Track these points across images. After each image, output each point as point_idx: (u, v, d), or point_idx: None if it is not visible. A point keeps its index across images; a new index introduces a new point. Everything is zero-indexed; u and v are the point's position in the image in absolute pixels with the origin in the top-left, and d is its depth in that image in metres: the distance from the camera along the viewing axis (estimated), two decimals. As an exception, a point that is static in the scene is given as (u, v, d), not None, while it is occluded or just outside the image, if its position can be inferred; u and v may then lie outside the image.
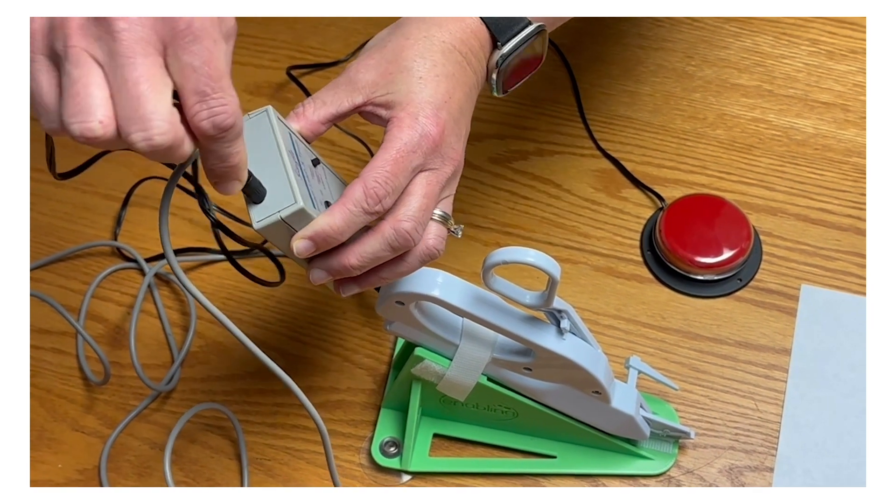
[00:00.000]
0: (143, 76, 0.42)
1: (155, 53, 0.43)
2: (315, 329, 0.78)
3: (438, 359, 0.65)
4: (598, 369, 0.63)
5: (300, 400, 0.58)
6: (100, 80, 0.43)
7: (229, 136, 0.46)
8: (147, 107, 0.42)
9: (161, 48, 0.43)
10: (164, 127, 0.43)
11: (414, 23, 0.56)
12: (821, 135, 0.85)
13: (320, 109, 0.56)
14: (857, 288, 0.77)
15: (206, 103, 0.44)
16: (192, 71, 0.43)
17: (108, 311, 0.80)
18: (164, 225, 0.50)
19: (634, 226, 0.81)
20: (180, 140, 0.44)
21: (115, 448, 0.74)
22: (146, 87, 0.42)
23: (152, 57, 0.43)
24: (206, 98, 0.44)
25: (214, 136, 0.45)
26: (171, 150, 0.44)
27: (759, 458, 0.71)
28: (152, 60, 0.43)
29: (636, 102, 0.87)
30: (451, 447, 0.73)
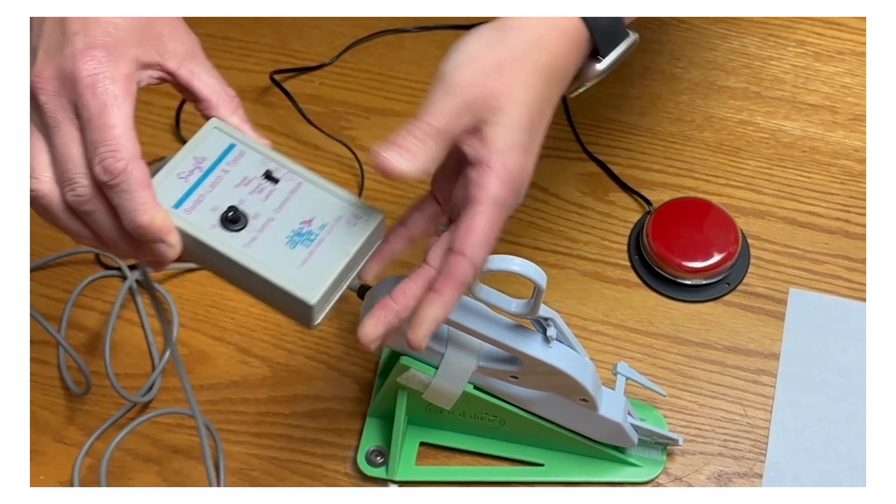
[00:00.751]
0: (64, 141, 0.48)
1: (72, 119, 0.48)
2: (300, 336, 0.77)
3: (424, 367, 0.64)
4: (584, 377, 0.62)
5: None
6: None
7: (123, 183, 0.47)
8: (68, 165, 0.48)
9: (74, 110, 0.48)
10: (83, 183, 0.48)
11: (518, 35, 0.52)
12: (808, 137, 0.84)
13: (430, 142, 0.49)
14: (845, 291, 0.77)
15: (97, 151, 0.47)
16: (87, 123, 0.47)
17: (90, 319, 0.79)
18: None
19: (622, 230, 0.81)
20: None
21: (97, 459, 0.73)
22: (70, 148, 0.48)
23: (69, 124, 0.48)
24: (97, 146, 0.47)
25: (107, 181, 0.47)
26: None
27: (748, 464, 0.71)
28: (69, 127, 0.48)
29: (623, 105, 0.86)
30: (438, 456, 0.72)
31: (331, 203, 0.51)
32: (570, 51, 0.53)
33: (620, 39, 0.55)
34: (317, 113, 0.88)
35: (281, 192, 0.51)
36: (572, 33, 0.53)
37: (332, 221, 0.50)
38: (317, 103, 0.88)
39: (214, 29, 0.93)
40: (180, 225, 0.49)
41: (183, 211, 0.49)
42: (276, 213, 0.50)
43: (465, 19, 0.92)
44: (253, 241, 0.49)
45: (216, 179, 0.50)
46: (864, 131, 0.84)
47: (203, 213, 0.49)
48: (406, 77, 0.90)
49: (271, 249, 0.49)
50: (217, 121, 0.52)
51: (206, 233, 0.49)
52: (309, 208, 0.50)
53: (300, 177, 0.51)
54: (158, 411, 0.74)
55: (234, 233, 0.49)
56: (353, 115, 0.88)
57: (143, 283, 0.79)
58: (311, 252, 0.49)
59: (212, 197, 0.50)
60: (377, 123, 0.87)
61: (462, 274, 0.50)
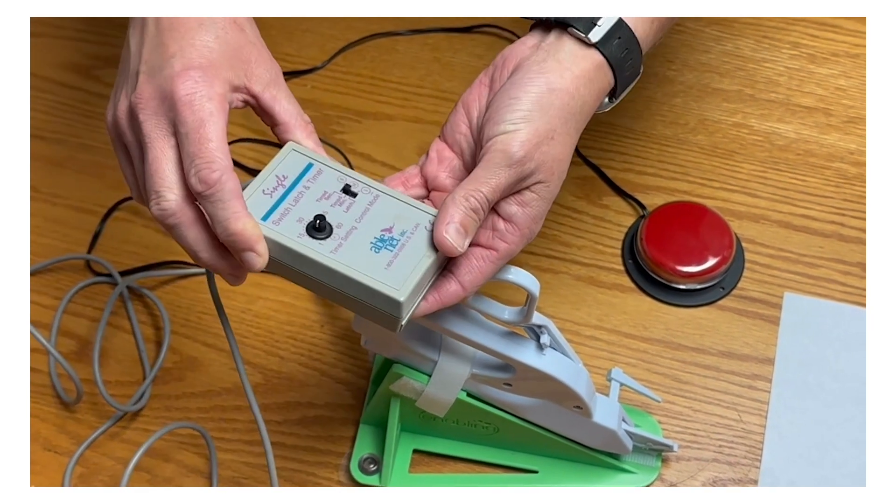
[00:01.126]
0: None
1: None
2: (293, 343, 0.77)
3: (417, 375, 0.64)
4: (578, 384, 0.62)
5: None
6: None
7: (217, 193, 0.49)
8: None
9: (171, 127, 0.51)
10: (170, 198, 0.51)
11: (567, 98, 0.53)
12: (803, 140, 0.84)
13: None
14: (840, 295, 0.76)
15: (193, 163, 0.49)
16: (184, 137, 0.50)
17: (81, 326, 0.79)
18: None
19: (616, 234, 0.80)
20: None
21: (88, 468, 0.73)
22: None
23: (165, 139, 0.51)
24: (194, 158, 0.49)
25: (202, 192, 0.49)
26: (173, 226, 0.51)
27: (743, 470, 0.70)
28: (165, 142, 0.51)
29: (617, 108, 0.84)
30: (432, 463, 0.72)
31: (407, 212, 0.54)
32: (599, 100, 0.57)
33: (633, 80, 0.58)
34: (308, 117, 0.87)
35: (360, 204, 0.54)
36: (604, 88, 0.56)
37: (410, 228, 0.53)
38: (308, 107, 0.87)
39: (205, 32, 0.93)
40: (270, 235, 0.51)
41: (271, 223, 0.52)
42: (357, 222, 0.53)
43: (458, 20, 0.92)
44: (339, 247, 0.52)
45: (299, 194, 0.53)
46: (858, 134, 0.84)
47: (290, 223, 0.52)
48: (398, 80, 0.89)
49: (357, 254, 0.51)
50: (294, 143, 0.55)
51: (294, 241, 0.51)
52: (388, 217, 0.53)
53: (377, 190, 0.54)
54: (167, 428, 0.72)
55: (320, 241, 0.52)
56: (346, 118, 0.87)
57: (136, 289, 0.79)
58: (395, 255, 0.52)
59: (296, 210, 0.53)
60: (369, 127, 0.87)
61: (451, 296, 0.53)
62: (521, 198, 0.53)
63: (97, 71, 0.92)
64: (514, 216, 0.53)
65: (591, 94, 0.55)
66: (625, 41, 0.56)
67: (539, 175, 0.53)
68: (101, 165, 0.86)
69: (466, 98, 0.57)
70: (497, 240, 0.53)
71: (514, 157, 0.52)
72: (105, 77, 0.91)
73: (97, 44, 0.93)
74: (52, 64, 0.92)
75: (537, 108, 0.53)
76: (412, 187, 0.57)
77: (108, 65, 0.92)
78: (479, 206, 0.51)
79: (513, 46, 0.57)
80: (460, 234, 0.51)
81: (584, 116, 0.55)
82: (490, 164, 0.52)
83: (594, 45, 0.55)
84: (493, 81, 0.56)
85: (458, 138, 0.57)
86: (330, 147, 0.85)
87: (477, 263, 0.53)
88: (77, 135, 0.88)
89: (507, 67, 0.56)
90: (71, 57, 0.92)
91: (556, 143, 0.53)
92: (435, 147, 0.57)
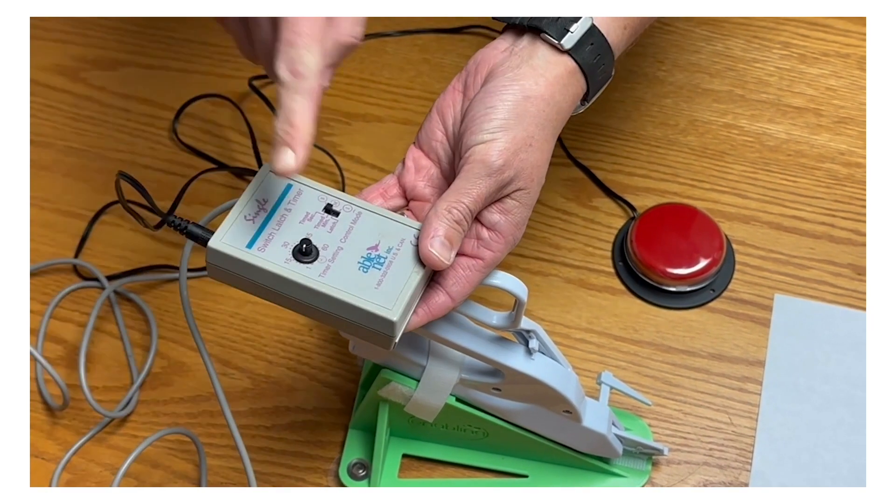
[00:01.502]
0: None
1: None
2: (281, 347, 0.77)
3: (405, 380, 0.64)
4: (568, 389, 0.61)
5: None
6: None
7: (298, 84, 0.49)
8: None
9: None
10: None
11: (543, 105, 0.54)
12: (793, 140, 0.84)
13: None
14: (830, 297, 0.76)
15: (285, 53, 0.49)
16: (283, 24, 0.49)
17: (68, 331, 0.78)
18: None
19: (606, 236, 0.80)
20: None
21: (76, 474, 0.72)
22: None
23: None
24: (290, 46, 0.49)
25: (285, 80, 0.49)
26: None
27: (734, 473, 0.70)
28: None
29: (606, 109, 0.86)
30: (421, 468, 0.72)
31: (391, 228, 0.53)
32: (573, 104, 0.57)
33: (605, 84, 0.58)
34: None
35: (343, 223, 0.53)
36: (578, 93, 0.56)
37: (396, 244, 0.53)
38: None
39: (193, 34, 0.92)
40: (257, 263, 0.51)
41: (256, 249, 0.51)
42: (342, 242, 0.52)
43: (447, 20, 0.91)
44: (327, 269, 0.51)
45: (281, 218, 0.53)
46: (849, 134, 0.84)
47: (276, 249, 0.51)
48: (388, 82, 0.89)
49: (346, 275, 0.51)
50: (270, 165, 0.54)
51: (283, 267, 0.51)
52: (373, 235, 0.53)
53: (358, 207, 0.54)
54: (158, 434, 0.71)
55: (308, 264, 0.51)
56: (335, 121, 0.87)
57: (123, 294, 0.79)
58: (383, 274, 0.51)
59: (280, 234, 0.52)
60: (359, 129, 0.86)
61: (440, 307, 0.53)
62: (502, 206, 0.53)
63: (84, 73, 0.91)
64: (498, 224, 0.53)
65: (565, 99, 0.55)
66: (597, 47, 0.56)
67: (519, 182, 0.53)
68: (88, 169, 0.86)
69: (440, 104, 0.57)
70: (482, 249, 0.53)
71: (494, 165, 0.52)
72: (92, 79, 0.91)
73: (84, 46, 0.92)
74: (39, 66, 0.91)
75: (514, 117, 0.53)
76: (391, 198, 0.57)
77: (94, 66, 0.91)
78: (463, 217, 0.51)
79: (485, 51, 0.57)
80: (446, 247, 0.51)
81: (560, 121, 0.56)
82: (470, 174, 0.52)
83: (567, 51, 0.55)
84: (467, 87, 0.56)
85: (435, 146, 0.56)
86: (319, 150, 0.84)
87: (463, 273, 0.53)
88: (64, 138, 0.87)
89: (480, 73, 0.56)
90: (57, 59, 0.92)
91: (534, 149, 0.53)
92: (411, 155, 0.57)
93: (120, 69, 0.91)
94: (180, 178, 0.84)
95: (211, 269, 0.52)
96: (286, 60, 0.49)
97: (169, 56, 0.91)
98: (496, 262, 0.54)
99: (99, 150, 0.87)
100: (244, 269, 0.51)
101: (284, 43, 0.50)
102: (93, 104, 0.89)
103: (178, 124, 0.87)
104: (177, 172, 0.85)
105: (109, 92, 0.90)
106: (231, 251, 0.51)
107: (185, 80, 0.90)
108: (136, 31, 0.93)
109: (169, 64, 0.91)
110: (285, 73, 0.49)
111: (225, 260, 0.51)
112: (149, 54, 0.92)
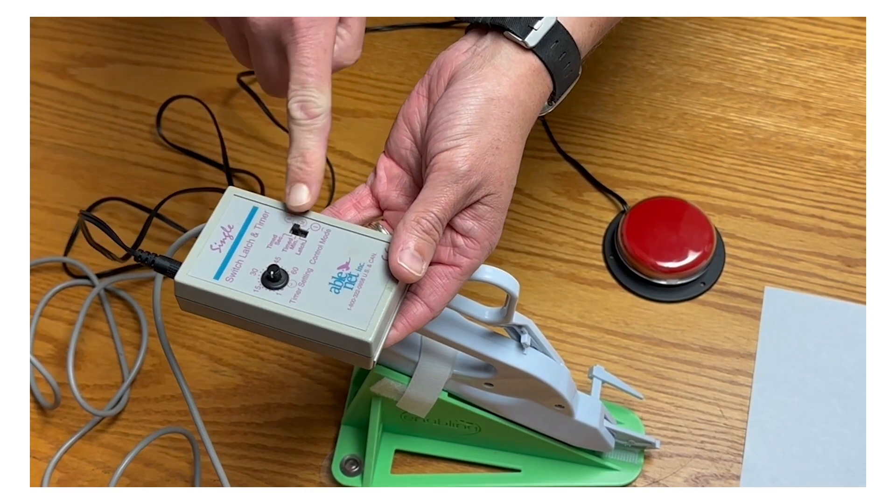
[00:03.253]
0: None
1: None
2: (272, 345, 0.76)
3: (398, 376, 0.64)
4: (560, 383, 0.62)
5: None
6: None
7: (312, 124, 0.52)
8: None
9: None
10: None
11: (509, 107, 0.53)
12: (782, 133, 0.84)
13: None
14: (820, 289, 0.77)
15: (298, 93, 0.52)
16: (296, 66, 0.52)
17: (58, 330, 0.78)
18: None
19: (597, 230, 0.80)
20: None
21: (68, 473, 0.72)
22: None
23: None
24: (302, 87, 0.52)
25: (299, 119, 0.52)
26: None
27: (726, 465, 0.70)
28: None
29: (596, 103, 0.86)
30: (414, 463, 0.72)
31: (361, 243, 0.52)
32: (540, 104, 0.56)
33: (572, 83, 0.57)
34: (285, 115, 0.86)
35: (312, 243, 0.52)
36: (544, 92, 0.55)
37: (367, 261, 0.52)
38: (285, 105, 0.87)
39: (181, 30, 0.92)
40: (226, 294, 0.50)
41: (224, 280, 0.50)
42: (312, 263, 0.51)
43: (436, 18, 0.91)
44: (298, 294, 0.50)
45: (248, 244, 0.52)
46: (837, 126, 0.84)
47: (244, 277, 0.50)
48: (377, 77, 0.89)
49: (318, 299, 0.50)
50: (234, 188, 0.54)
51: (252, 296, 0.50)
52: (342, 253, 0.52)
53: (326, 224, 0.53)
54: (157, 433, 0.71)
55: (278, 290, 0.50)
56: (324, 116, 0.87)
57: (113, 291, 0.78)
58: (355, 293, 0.50)
59: (248, 261, 0.51)
60: (348, 125, 0.86)
61: (419, 318, 0.52)
62: (474, 212, 0.52)
63: (72, 70, 0.91)
64: (472, 231, 0.52)
65: (531, 98, 0.54)
66: (562, 45, 0.55)
67: (488, 187, 0.52)
68: (76, 166, 0.85)
69: (406, 111, 0.56)
70: (458, 256, 0.52)
71: (459, 172, 0.51)
72: (80, 76, 0.90)
73: (71, 42, 0.92)
74: (26, 63, 0.91)
75: (478, 121, 0.52)
76: (364, 209, 0.56)
77: (82, 63, 0.91)
78: (433, 226, 0.50)
79: (447, 52, 0.56)
80: (416, 260, 0.50)
81: (527, 121, 0.54)
82: (436, 182, 0.51)
83: (531, 49, 0.54)
84: (431, 92, 0.55)
85: (405, 154, 0.55)
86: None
87: (441, 282, 0.52)
88: (52, 135, 0.87)
89: (443, 76, 0.55)
90: (45, 56, 0.91)
91: (501, 152, 0.52)
92: (382, 164, 0.56)
93: (108, 66, 0.91)
94: (169, 175, 0.84)
95: (181, 302, 0.52)
96: (299, 100, 0.51)
97: (157, 52, 0.91)
98: (474, 269, 0.53)
99: (87, 147, 0.86)
100: (214, 301, 0.50)
101: (297, 83, 0.51)
102: (81, 101, 0.89)
103: (162, 121, 0.87)
104: (166, 169, 0.85)
105: (97, 89, 0.89)
106: (199, 284, 0.50)
107: (174, 76, 0.89)
108: (124, 28, 0.92)
109: (157, 60, 0.91)
110: (299, 112, 0.51)
111: (193, 293, 0.50)
112: (137, 51, 0.91)
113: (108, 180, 0.84)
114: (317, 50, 0.52)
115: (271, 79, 0.57)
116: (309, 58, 0.52)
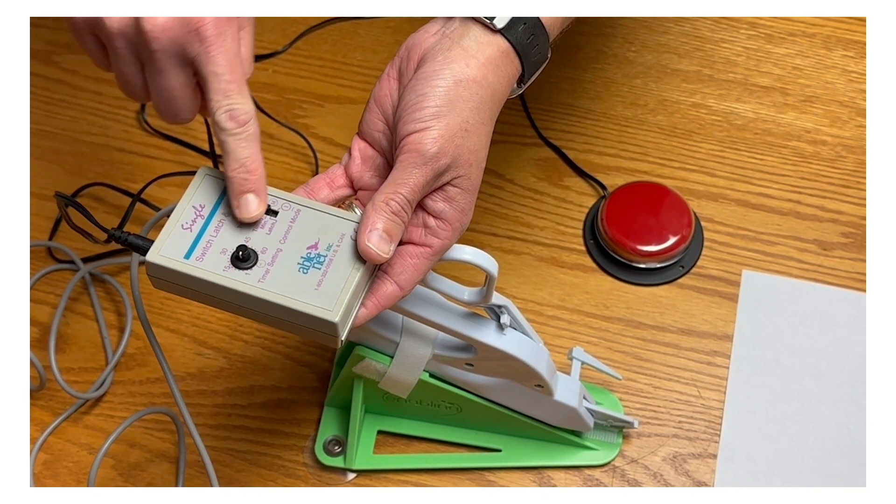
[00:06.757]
0: None
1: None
2: (256, 327, 0.77)
3: (379, 356, 0.64)
4: (539, 363, 0.62)
5: None
6: None
7: (244, 131, 0.51)
8: None
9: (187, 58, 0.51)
10: None
11: (477, 89, 0.53)
12: (760, 119, 0.85)
13: None
14: (797, 272, 0.78)
15: (223, 103, 0.51)
16: (214, 77, 0.51)
17: (44, 314, 0.78)
18: None
19: (577, 215, 0.81)
20: None
21: (53, 454, 0.73)
22: None
23: None
24: (225, 97, 0.51)
25: (231, 129, 0.51)
26: None
27: (703, 444, 0.72)
28: None
29: (577, 89, 0.87)
30: (396, 444, 0.73)
31: (331, 223, 0.53)
32: (509, 86, 0.56)
33: (541, 66, 0.57)
34: (270, 101, 0.87)
35: (282, 223, 0.52)
36: (513, 74, 0.55)
37: (336, 241, 0.52)
38: (270, 91, 0.88)
39: (165, 17, 0.92)
40: (196, 273, 0.50)
41: (194, 259, 0.51)
42: (282, 243, 0.52)
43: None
44: (266, 274, 0.51)
45: (219, 223, 0.52)
46: (814, 112, 0.85)
47: (214, 257, 0.51)
48: (360, 64, 0.89)
49: (286, 279, 0.51)
50: (206, 168, 0.54)
51: (221, 276, 0.50)
52: (312, 233, 0.52)
53: (297, 204, 0.53)
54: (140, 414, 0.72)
55: (246, 270, 0.51)
56: (307, 102, 0.87)
57: (98, 275, 0.79)
58: (323, 273, 0.51)
59: (218, 241, 0.51)
60: (331, 111, 0.87)
61: (389, 297, 0.53)
62: (445, 194, 0.53)
63: (56, 56, 0.91)
64: (443, 213, 0.53)
65: (499, 80, 0.54)
66: (531, 27, 0.55)
67: (458, 169, 0.52)
68: (60, 152, 0.86)
69: (377, 94, 0.56)
70: (430, 237, 0.53)
71: (428, 154, 0.51)
72: (64, 62, 0.90)
73: (55, 29, 0.92)
74: (10, 50, 0.91)
75: (446, 103, 0.52)
76: (338, 188, 0.56)
77: (67, 50, 0.91)
78: (401, 208, 0.51)
79: (416, 35, 0.56)
80: (384, 241, 0.50)
81: (497, 103, 0.55)
82: (405, 164, 0.51)
83: (499, 31, 0.54)
84: (402, 74, 0.55)
85: (377, 136, 0.56)
86: (292, 131, 0.85)
87: (412, 261, 0.53)
88: (36, 121, 0.87)
89: (412, 59, 0.55)
90: (30, 43, 0.91)
91: (470, 134, 0.52)
92: (356, 145, 0.56)
93: (92, 52, 0.91)
94: (153, 161, 0.85)
95: (153, 281, 0.52)
96: (226, 110, 0.51)
97: (141, 39, 0.91)
98: (445, 249, 0.53)
99: (72, 133, 0.87)
100: (184, 280, 0.51)
101: (219, 93, 0.51)
102: (65, 87, 0.89)
103: (146, 107, 0.87)
104: (150, 155, 0.85)
105: (82, 75, 0.90)
106: (168, 263, 0.50)
107: (158, 63, 0.90)
108: (108, 15, 0.93)
109: (141, 47, 0.91)
110: (229, 122, 0.51)
111: (164, 272, 0.51)
112: (121, 37, 0.91)
113: (92, 166, 0.85)
114: (229, 56, 0.51)
115: (176, 101, 0.53)
116: (224, 66, 0.51)
